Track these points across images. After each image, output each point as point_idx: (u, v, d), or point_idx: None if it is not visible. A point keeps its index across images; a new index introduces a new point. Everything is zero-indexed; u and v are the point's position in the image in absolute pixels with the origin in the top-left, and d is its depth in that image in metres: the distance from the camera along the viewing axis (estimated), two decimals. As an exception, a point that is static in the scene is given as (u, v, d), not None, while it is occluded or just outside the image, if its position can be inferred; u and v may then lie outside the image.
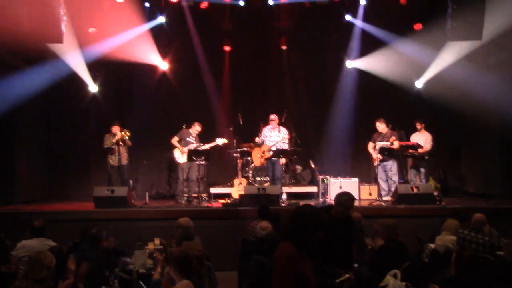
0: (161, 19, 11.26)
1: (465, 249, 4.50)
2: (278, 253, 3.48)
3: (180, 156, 9.98)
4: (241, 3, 11.24)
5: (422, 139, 9.92)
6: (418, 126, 10.10)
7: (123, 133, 9.89)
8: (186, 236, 5.48)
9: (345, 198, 5.14)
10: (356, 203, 9.56)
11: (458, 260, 4.29)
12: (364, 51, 11.45)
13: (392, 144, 9.55)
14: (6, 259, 5.17)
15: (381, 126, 9.84)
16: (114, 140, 9.87)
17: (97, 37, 10.52)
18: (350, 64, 11.67)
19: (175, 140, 10.01)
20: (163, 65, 11.45)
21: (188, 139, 10.02)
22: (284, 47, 11.79)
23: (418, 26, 11.41)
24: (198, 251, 4.30)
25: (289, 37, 11.70)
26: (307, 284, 3.42)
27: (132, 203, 9.12)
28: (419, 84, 11.36)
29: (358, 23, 11.41)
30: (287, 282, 3.35)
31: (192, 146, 9.88)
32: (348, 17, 11.52)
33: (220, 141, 10.01)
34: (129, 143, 10.05)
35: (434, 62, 10.71)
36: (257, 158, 10.24)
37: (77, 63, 10.45)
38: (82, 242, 5.55)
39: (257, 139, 10.20)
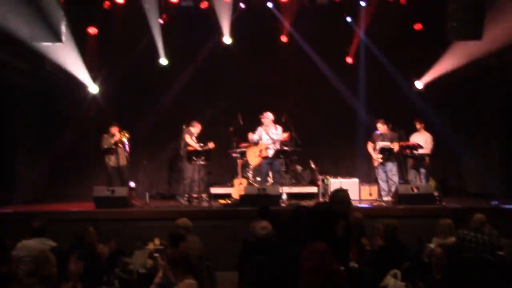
0: (160, 20, 11.28)
1: (462, 251, 4.52)
2: (310, 252, 3.45)
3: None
4: (242, 5, 11.27)
5: (422, 139, 9.91)
6: (418, 126, 10.09)
7: (121, 134, 9.87)
8: (179, 237, 5.49)
9: (342, 194, 4.91)
10: (357, 203, 9.61)
11: (455, 261, 4.30)
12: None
13: (392, 145, 9.55)
14: (6, 259, 5.17)
15: (382, 127, 9.82)
16: (112, 141, 9.84)
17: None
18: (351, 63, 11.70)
19: (188, 138, 9.94)
20: (162, 64, 11.48)
21: (193, 138, 10.02)
22: (283, 42, 11.77)
23: (418, 26, 11.45)
24: (197, 251, 4.30)
25: (289, 37, 11.70)
26: (340, 279, 3.43)
27: (132, 203, 9.12)
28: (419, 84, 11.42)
29: (359, 22, 11.43)
30: (321, 280, 3.35)
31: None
32: (348, 18, 11.55)
33: (211, 145, 9.99)
34: (128, 143, 10.02)
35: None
36: (252, 157, 10.17)
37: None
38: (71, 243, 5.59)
39: (250, 136, 10.07)
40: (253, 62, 11.57)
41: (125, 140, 9.91)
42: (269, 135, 9.90)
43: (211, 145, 9.91)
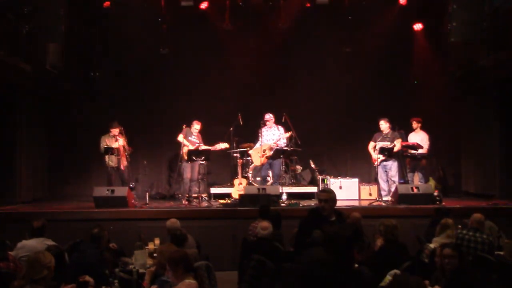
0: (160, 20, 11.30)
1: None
2: None
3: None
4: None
5: (418, 139, 9.91)
6: (415, 125, 10.08)
7: (122, 133, 9.83)
8: (181, 237, 5.49)
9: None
10: (356, 203, 9.61)
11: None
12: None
13: (393, 145, 9.53)
14: (4, 257, 5.16)
15: (384, 125, 9.76)
16: (113, 143, 9.79)
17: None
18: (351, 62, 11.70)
19: (181, 138, 9.95)
20: (162, 64, 11.50)
21: (190, 138, 10.01)
22: (283, 42, 11.76)
23: (418, 26, 11.45)
24: (174, 254, 4.28)
25: (289, 37, 11.70)
26: None
27: (132, 203, 9.12)
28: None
29: (358, 22, 11.44)
30: None
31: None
32: (348, 18, 11.57)
33: (222, 145, 9.98)
34: (129, 147, 9.99)
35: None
36: (257, 158, 10.22)
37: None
38: (82, 242, 5.56)
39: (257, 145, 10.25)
40: (253, 62, 11.57)
41: (126, 144, 9.89)
42: (269, 135, 9.97)
43: (223, 145, 9.95)
